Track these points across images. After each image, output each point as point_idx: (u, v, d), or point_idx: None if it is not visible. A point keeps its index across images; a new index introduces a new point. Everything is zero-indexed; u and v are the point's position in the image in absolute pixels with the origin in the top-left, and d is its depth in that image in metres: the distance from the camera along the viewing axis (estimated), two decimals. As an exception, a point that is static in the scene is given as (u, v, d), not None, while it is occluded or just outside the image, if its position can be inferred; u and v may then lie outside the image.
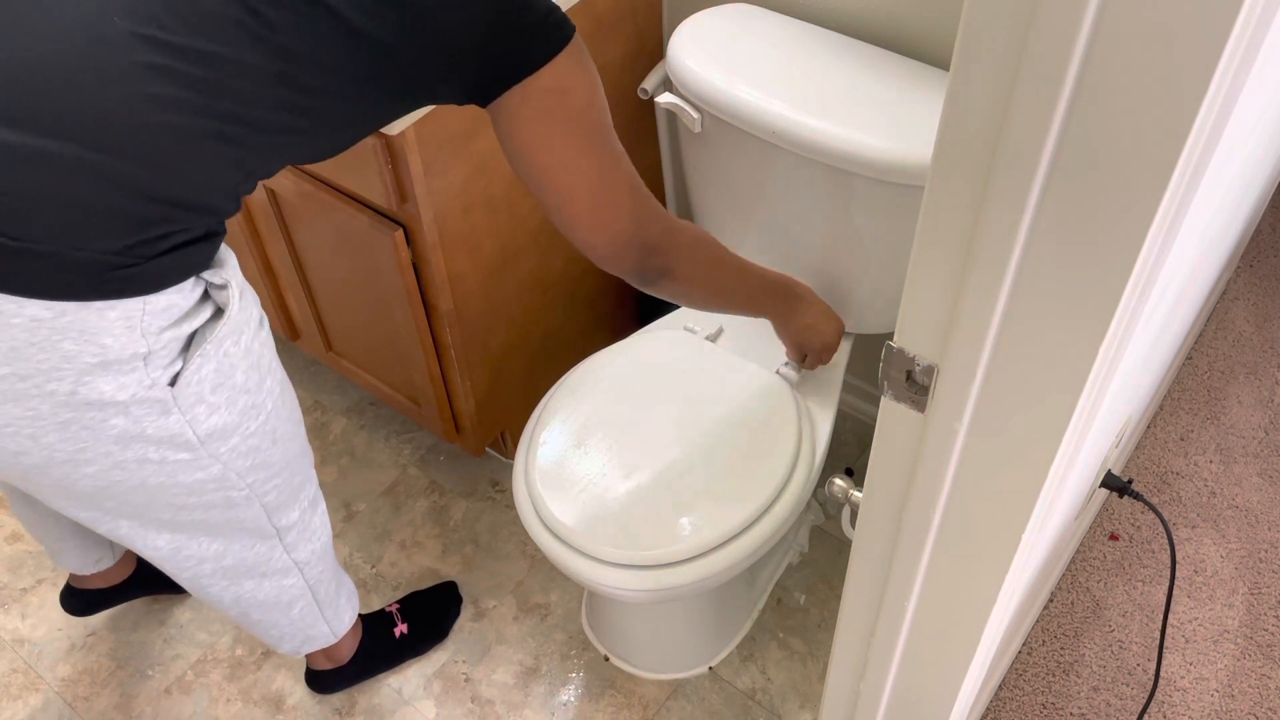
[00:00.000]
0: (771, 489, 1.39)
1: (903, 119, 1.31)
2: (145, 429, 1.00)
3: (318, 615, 1.45)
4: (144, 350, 0.96)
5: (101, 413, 0.97)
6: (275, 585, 1.34)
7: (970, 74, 0.55)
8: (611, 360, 1.54)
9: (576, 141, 1.05)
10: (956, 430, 0.71)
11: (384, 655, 1.70)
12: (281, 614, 1.40)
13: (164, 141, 0.92)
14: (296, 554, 1.33)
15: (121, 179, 0.91)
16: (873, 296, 1.50)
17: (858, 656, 1.02)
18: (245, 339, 1.05)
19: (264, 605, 1.36)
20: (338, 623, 1.52)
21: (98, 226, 0.91)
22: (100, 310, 0.92)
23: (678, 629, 1.66)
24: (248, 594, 1.33)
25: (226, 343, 1.02)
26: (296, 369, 2.16)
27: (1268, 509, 1.86)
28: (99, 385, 0.95)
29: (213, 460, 1.08)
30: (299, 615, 1.42)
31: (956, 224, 0.61)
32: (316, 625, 1.47)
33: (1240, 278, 2.24)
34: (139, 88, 0.90)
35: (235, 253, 1.77)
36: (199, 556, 1.23)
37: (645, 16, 1.61)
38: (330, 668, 1.64)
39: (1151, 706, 1.64)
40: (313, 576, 1.39)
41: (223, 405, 1.04)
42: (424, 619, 1.74)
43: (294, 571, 1.34)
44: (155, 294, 0.95)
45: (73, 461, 1.00)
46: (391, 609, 1.72)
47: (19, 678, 1.75)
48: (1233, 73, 0.49)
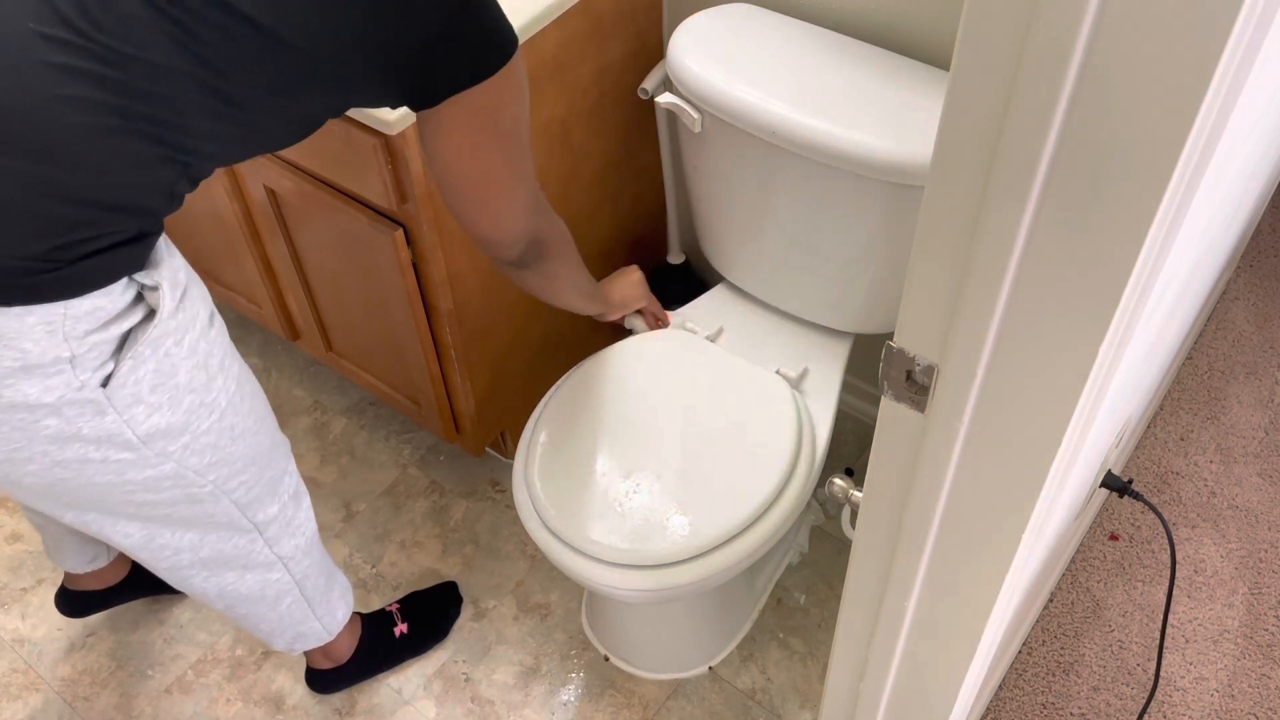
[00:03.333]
0: (771, 489, 1.39)
1: (903, 119, 1.31)
2: (80, 429, 1.00)
3: (307, 611, 1.45)
4: (67, 354, 0.94)
5: (31, 414, 0.96)
6: (259, 579, 1.34)
7: (970, 74, 0.55)
8: (611, 360, 1.54)
9: (498, 155, 1.09)
10: (956, 430, 0.71)
11: (384, 654, 1.70)
12: (269, 608, 1.39)
13: (83, 143, 0.90)
14: (279, 548, 1.32)
15: (40, 182, 0.90)
16: (873, 296, 1.50)
17: (858, 656, 1.02)
18: (190, 339, 1.04)
19: (249, 599, 1.36)
20: (330, 619, 1.51)
21: (15, 231, 0.90)
22: (19, 315, 0.91)
23: (678, 629, 1.66)
24: (230, 587, 1.32)
25: (167, 342, 1.01)
26: (296, 369, 2.16)
27: (1268, 509, 1.86)
28: (22, 388, 0.94)
29: (162, 459, 1.07)
30: (287, 610, 1.42)
31: (956, 224, 0.61)
32: (307, 621, 1.47)
33: (1240, 278, 2.24)
34: (51, 89, 0.88)
35: (235, 253, 1.78)
36: (174, 547, 1.22)
37: (645, 16, 1.61)
38: (329, 666, 1.64)
39: (1151, 706, 1.64)
40: (299, 571, 1.38)
41: (165, 405, 1.03)
42: (424, 619, 1.74)
43: (278, 566, 1.34)
44: (77, 298, 0.94)
45: (11, 460, 1.00)
46: (392, 608, 1.72)
47: (19, 678, 1.75)
48: (1233, 72, 0.49)
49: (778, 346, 1.59)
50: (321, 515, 1.93)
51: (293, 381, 2.14)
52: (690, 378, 1.52)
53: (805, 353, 1.58)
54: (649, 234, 1.91)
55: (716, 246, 1.62)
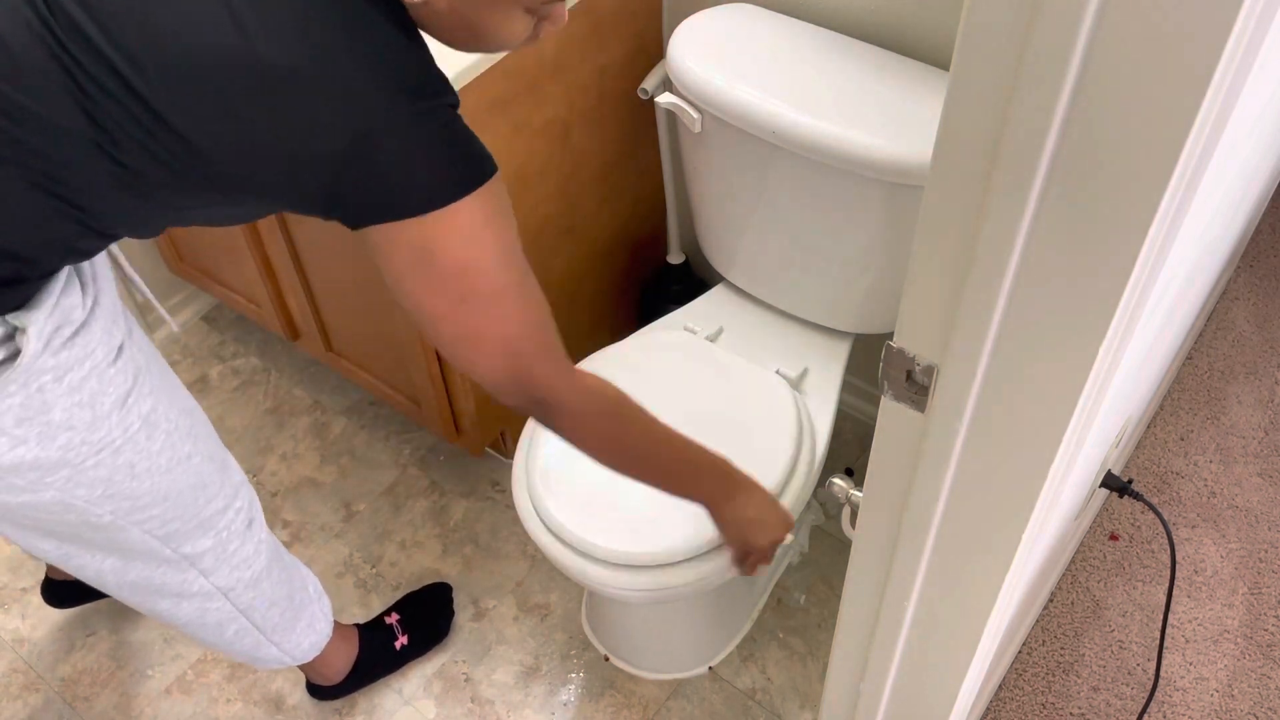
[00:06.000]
0: (771, 489, 1.38)
1: (903, 119, 1.31)
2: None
3: (259, 638, 1.39)
4: None
5: None
6: (197, 608, 1.29)
7: (970, 74, 0.55)
8: (611, 360, 1.54)
9: (442, 301, 0.94)
10: (956, 430, 0.71)
11: (385, 666, 1.69)
12: (213, 635, 1.35)
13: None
14: (216, 579, 1.27)
15: None
16: (873, 296, 1.50)
17: (858, 656, 1.02)
18: (73, 378, 1.00)
19: (190, 625, 1.31)
20: (293, 646, 1.45)
21: None
22: None
23: (678, 629, 1.66)
24: (166, 612, 1.28)
25: (42, 379, 0.98)
26: (296, 369, 2.16)
27: (1268, 509, 1.86)
28: None
29: (40, 486, 1.04)
30: (235, 637, 1.36)
31: (956, 224, 0.61)
32: (261, 648, 1.41)
33: (1240, 278, 2.24)
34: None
35: (235, 253, 1.78)
36: (95, 568, 1.19)
37: (645, 16, 1.61)
38: (324, 684, 1.63)
39: (1151, 706, 1.64)
40: (244, 602, 1.32)
41: (32, 439, 1.00)
42: (424, 625, 1.73)
43: (217, 596, 1.29)
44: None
45: None
46: (392, 620, 1.69)
47: (19, 678, 1.75)
48: (1233, 73, 0.49)
49: (778, 346, 1.59)
50: (321, 515, 1.93)
51: (293, 381, 2.14)
52: (690, 378, 1.52)
53: (805, 353, 1.58)
54: (649, 234, 1.91)
55: (716, 246, 1.62)
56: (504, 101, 1.43)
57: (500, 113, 1.43)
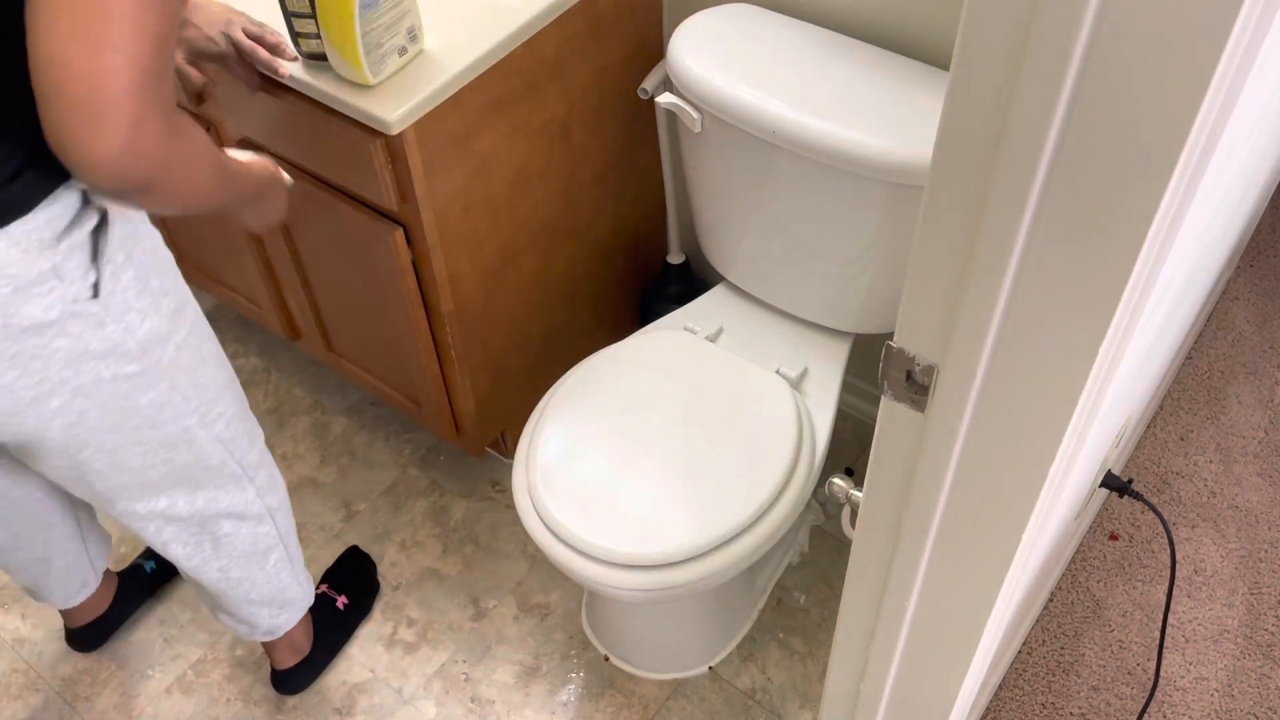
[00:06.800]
0: (771, 489, 1.39)
1: (903, 119, 1.31)
2: (89, 345, 1.03)
3: (291, 573, 1.50)
4: (49, 265, 0.97)
5: (40, 337, 0.99)
6: (250, 532, 1.39)
7: (970, 74, 0.55)
8: (611, 360, 1.54)
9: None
10: (956, 430, 0.71)
11: (338, 629, 1.74)
12: (258, 568, 1.44)
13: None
14: (268, 499, 1.38)
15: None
16: (873, 296, 1.50)
17: (858, 656, 1.02)
18: (148, 243, 1.08)
19: (244, 557, 1.41)
20: (307, 585, 1.57)
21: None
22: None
23: (678, 629, 1.66)
24: (226, 538, 1.36)
25: (133, 248, 1.05)
26: (296, 369, 2.16)
27: (1268, 509, 1.86)
28: (25, 311, 0.97)
29: (158, 375, 1.11)
30: (274, 571, 1.47)
31: (956, 224, 0.61)
32: (291, 588, 1.52)
33: (1240, 278, 2.24)
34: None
35: (235, 253, 1.78)
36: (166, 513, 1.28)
37: (645, 16, 1.61)
38: (296, 661, 1.67)
39: (1151, 706, 1.65)
40: (283, 525, 1.44)
41: (150, 310, 1.08)
42: (353, 584, 1.80)
43: (267, 518, 1.40)
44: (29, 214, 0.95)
45: (38, 398, 1.03)
46: (323, 589, 1.77)
47: (19, 678, 1.75)
48: (1233, 73, 0.49)
49: (778, 346, 1.59)
50: (321, 515, 1.93)
51: (293, 381, 2.14)
52: (690, 378, 1.52)
53: (805, 353, 1.58)
54: (649, 234, 1.91)
55: (716, 246, 1.62)
56: (504, 101, 1.43)
57: (500, 113, 1.43)
